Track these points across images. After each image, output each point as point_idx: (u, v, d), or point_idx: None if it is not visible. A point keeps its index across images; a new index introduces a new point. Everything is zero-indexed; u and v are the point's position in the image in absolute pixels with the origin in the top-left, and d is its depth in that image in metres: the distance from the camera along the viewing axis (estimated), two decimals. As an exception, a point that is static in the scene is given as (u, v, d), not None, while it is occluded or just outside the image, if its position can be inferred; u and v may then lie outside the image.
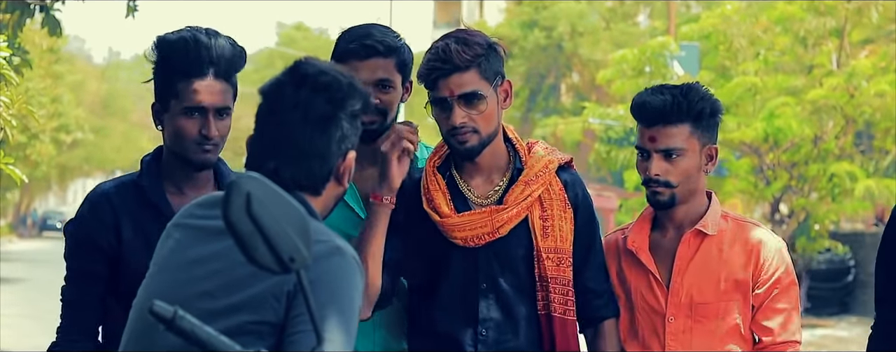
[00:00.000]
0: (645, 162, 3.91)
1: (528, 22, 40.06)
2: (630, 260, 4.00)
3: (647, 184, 3.91)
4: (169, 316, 2.48)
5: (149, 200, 3.75)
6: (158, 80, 3.74)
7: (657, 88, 3.95)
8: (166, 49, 3.69)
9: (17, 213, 61.26)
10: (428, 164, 3.92)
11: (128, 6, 10.67)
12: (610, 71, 23.39)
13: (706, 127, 3.92)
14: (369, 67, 3.95)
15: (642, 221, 4.03)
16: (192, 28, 3.72)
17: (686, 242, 3.94)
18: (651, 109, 3.88)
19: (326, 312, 2.71)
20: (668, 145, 3.88)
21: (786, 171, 20.84)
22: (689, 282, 3.92)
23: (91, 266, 3.74)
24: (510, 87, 3.87)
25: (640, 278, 3.98)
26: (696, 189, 3.94)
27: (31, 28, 17.76)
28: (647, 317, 3.96)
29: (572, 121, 28.89)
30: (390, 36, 4.03)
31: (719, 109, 3.96)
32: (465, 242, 3.83)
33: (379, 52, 3.97)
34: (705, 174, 3.96)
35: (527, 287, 3.86)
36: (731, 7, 22.00)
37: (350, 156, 2.97)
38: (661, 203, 3.92)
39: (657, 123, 3.88)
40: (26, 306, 21.05)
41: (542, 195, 3.87)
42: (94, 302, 3.74)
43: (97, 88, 58.95)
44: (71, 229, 3.80)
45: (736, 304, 3.90)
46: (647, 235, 4.00)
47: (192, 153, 3.71)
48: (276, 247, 2.49)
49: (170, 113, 3.71)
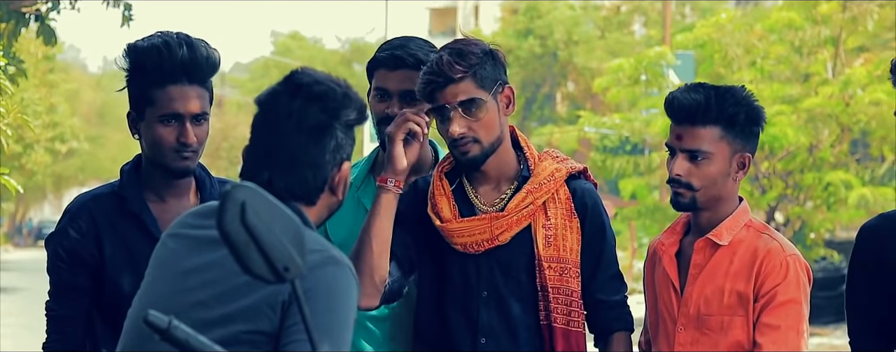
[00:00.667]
0: (671, 160, 3.77)
1: (523, 30, 40.10)
2: (660, 264, 3.88)
3: (671, 183, 3.77)
4: (163, 326, 2.48)
5: (130, 210, 3.70)
6: (132, 88, 3.68)
7: (694, 86, 3.79)
8: (138, 56, 3.63)
9: (13, 222, 61.18)
10: (437, 169, 3.91)
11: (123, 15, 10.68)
12: (606, 79, 23.40)
13: (740, 133, 3.75)
14: (397, 78, 3.97)
15: (676, 225, 3.90)
16: (163, 33, 3.66)
17: (700, 250, 3.79)
18: (680, 107, 3.74)
19: (321, 321, 2.71)
20: (694, 147, 3.72)
21: (781, 179, 20.84)
22: (698, 292, 3.77)
23: (75, 279, 3.69)
24: (512, 93, 3.85)
25: (662, 283, 3.85)
26: (721, 196, 3.77)
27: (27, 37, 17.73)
28: (665, 325, 3.84)
29: (568, 130, 28.92)
30: (424, 50, 4.02)
31: (759, 116, 3.79)
32: (465, 248, 3.82)
33: (407, 64, 3.96)
34: (735, 182, 3.79)
35: (529, 296, 3.83)
36: (726, 16, 22.02)
37: (345, 166, 2.96)
38: (681, 205, 3.77)
39: (685, 122, 3.73)
40: (24, 315, 20.97)
41: (547, 203, 3.84)
42: (80, 316, 3.70)
43: (92, 98, 58.89)
44: (53, 243, 3.74)
45: (741, 319, 3.73)
46: (678, 239, 3.86)
47: (170, 161, 3.66)
48: (270, 256, 2.48)
49: (146, 121, 3.66)
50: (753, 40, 21.50)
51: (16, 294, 26.38)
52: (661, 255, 3.86)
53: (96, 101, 59.60)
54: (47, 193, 62.11)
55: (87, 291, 3.69)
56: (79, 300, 3.70)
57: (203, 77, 3.66)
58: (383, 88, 3.99)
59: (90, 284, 3.69)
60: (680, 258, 3.85)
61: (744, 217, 3.81)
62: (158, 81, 3.61)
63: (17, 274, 32.75)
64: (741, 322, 3.73)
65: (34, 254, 49.65)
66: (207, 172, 3.84)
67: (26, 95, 28.50)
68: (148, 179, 3.74)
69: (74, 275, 3.69)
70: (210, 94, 3.71)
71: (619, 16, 41.64)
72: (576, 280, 3.84)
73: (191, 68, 3.61)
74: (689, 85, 3.81)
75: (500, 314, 3.82)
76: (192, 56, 3.61)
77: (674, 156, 3.76)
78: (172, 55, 3.59)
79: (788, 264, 3.73)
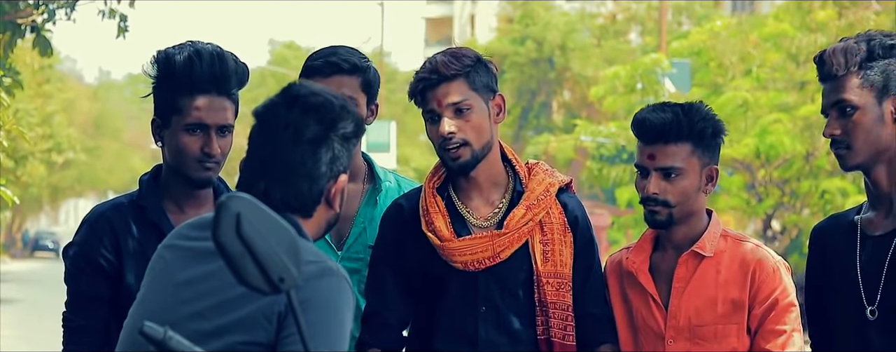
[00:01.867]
0: (643, 180, 3.83)
1: (519, 39, 40.17)
2: (631, 281, 3.91)
3: (645, 203, 3.83)
4: (159, 337, 2.47)
5: (149, 220, 3.70)
6: (159, 95, 3.69)
7: (659, 106, 3.86)
8: (168, 64, 3.64)
9: (9, 233, 61.16)
10: (427, 184, 3.89)
11: (119, 26, 10.68)
12: (602, 87, 23.42)
13: (707, 147, 3.83)
14: (332, 84, 3.93)
15: (643, 242, 3.94)
16: (194, 42, 3.67)
17: (683, 263, 3.84)
18: (651, 127, 3.79)
19: (317, 332, 2.70)
20: (667, 164, 3.79)
21: (777, 187, 20.86)
22: (687, 304, 3.82)
23: (95, 289, 3.68)
24: (503, 101, 3.85)
25: (640, 299, 3.88)
26: (694, 210, 3.85)
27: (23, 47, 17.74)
28: (648, 339, 3.87)
29: (564, 138, 28.94)
30: (356, 56, 4.05)
31: (721, 129, 3.87)
32: (465, 266, 3.80)
33: (343, 69, 3.98)
34: (705, 195, 3.87)
35: (526, 311, 3.82)
36: (721, 23, 22.05)
37: (342, 178, 2.95)
38: (658, 223, 3.84)
39: (657, 141, 3.79)
40: (21, 327, 20.97)
41: (542, 219, 3.83)
42: (99, 326, 3.68)
43: (89, 108, 58.92)
44: (72, 253, 3.73)
45: (735, 327, 3.79)
46: (647, 255, 3.91)
47: (193, 171, 3.66)
48: (266, 268, 2.48)
49: (171, 129, 3.66)
50: (749, 48, 21.53)
51: (13, 306, 26.34)
52: (635, 271, 3.89)
53: (92, 111, 59.65)
54: (43, 204, 62.06)
55: (105, 301, 3.67)
56: (98, 310, 3.68)
57: (231, 89, 3.67)
58: None
59: (109, 293, 3.67)
60: (654, 274, 3.89)
61: (718, 228, 3.89)
62: (187, 90, 3.61)
63: (14, 285, 32.72)
64: (735, 330, 3.79)
65: (30, 265, 49.65)
66: (226, 185, 3.84)
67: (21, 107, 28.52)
68: (167, 189, 3.74)
69: (94, 284, 3.68)
70: (236, 106, 3.71)
71: (616, 24, 41.69)
72: (570, 294, 3.84)
73: (220, 80, 3.62)
74: (653, 105, 3.88)
75: (499, 328, 3.81)
76: (223, 68, 3.62)
77: (646, 176, 3.82)
78: (203, 65, 3.60)
79: (779, 269, 3.82)
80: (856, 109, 3.42)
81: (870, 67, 3.42)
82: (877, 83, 3.41)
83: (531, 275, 3.82)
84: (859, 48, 3.43)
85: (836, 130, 3.45)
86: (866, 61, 3.42)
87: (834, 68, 3.44)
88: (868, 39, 3.45)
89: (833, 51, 3.45)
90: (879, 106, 3.42)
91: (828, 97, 3.47)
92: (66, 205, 77.05)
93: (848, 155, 3.45)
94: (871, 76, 3.43)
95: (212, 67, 3.61)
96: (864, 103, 3.42)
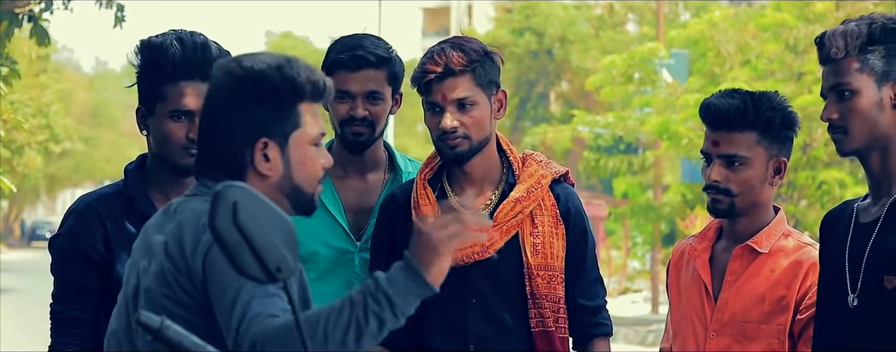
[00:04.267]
0: (707, 167, 3.74)
1: (517, 29, 40.11)
2: (689, 267, 3.85)
3: (707, 190, 3.73)
4: (156, 326, 2.47)
5: (136, 209, 3.66)
6: (143, 83, 3.67)
7: (729, 92, 3.77)
8: (151, 51, 3.62)
9: (6, 223, 61.15)
10: (419, 176, 3.86)
11: (115, 16, 10.67)
12: (599, 77, 23.40)
13: (776, 138, 3.75)
14: (359, 79, 3.93)
15: (707, 230, 3.88)
16: (177, 30, 3.66)
17: (737, 256, 3.76)
18: (716, 113, 3.71)
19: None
20: (731, 152, 3.70)
21: (775, 178, 20.85)
22: (736, 299, 3.73)
23: (83, 279, 3.65)
24: (505, 97, 3.83)
25: (693, 286, 3.82)
26: (759, 202, 3.76)
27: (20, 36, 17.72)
28: (692, 328, 3.80)
29: (561, 129, 28.92)
30: (382, 47, 4.00)
31: (793, 121, 3.79)
32: (455, 259, 3.78)
33: (370, 63, 3.95)
34: (772, 187, 3.78)
35: (517, 304, 3.80)
36: (720, 13, 22.02)
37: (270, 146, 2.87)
38: (719, 212, 3.74)
39: (721, 128, 3.71)
40: (19, 316, 20.98)
41: (534, 211, 3.81)
42: (89, 317, 3.64)
43: (86, 98, 58.83)
44: (58, 243, 3.70)
45: (777, 327, 3.71)
46: (709, 244, 3.84)
47: (178, 158, 3.63)
48: (263, 257, 2.48)
49: (155, 117, 3.63)
50: (747, 38, 21.51)
51: (10, 295, 26.36)
52: (694, 259, 3.83)
53: (89, 101, 59.56)
54: (40, 194, 62.02)
55: (95, 291, 3.64)
56: (87, 301, 3.65)
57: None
58: (345, 91, 3.95)
59: (98, 284, 3.64)
60: (712, 264, 3.82)
61: (782, 226, 3.81)
62: (171, 77, 3.59)
63: (12, 275, 32.72)
64: (776, 330, 3.71)
65: (27, 255, 49.64)
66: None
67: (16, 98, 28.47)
68: (154, 178, 3.72)
69: (84, 275, 3.65)
70: None
71: (614, 15, 41.63)
72: (562, 286, 3.82)
73: (203, 66, 3.57)
74: (724, 91, 3.79)
75: (489, 321, 3.80)
76: (206, 54, 3.60)
77: (709, 162, 3.74)
78: (186, 52, 3.59)
79: None
80: (854, 93, 3.33)
81: (870, 51, 3.33)
82: (877, 68, 3.33)
83: (522, 268, 3.79)
84: (860, 31, 3.34)
85: (833, 113, 3.36)
86: (867, 45, 3.33)
87: (833, 51, 3.35)
88: (870, 22, 3.35)
89: (833, 33, 3.37)
90: (878, 91, 3.33)
91: (827, 80, 3.38)
92: (63, 195, 76.86)
93: (844, 140, 3.37)
94: (871, 60, 3.34)
95: (194, 54, 3.59)
96: (862, 88, 3.33)
